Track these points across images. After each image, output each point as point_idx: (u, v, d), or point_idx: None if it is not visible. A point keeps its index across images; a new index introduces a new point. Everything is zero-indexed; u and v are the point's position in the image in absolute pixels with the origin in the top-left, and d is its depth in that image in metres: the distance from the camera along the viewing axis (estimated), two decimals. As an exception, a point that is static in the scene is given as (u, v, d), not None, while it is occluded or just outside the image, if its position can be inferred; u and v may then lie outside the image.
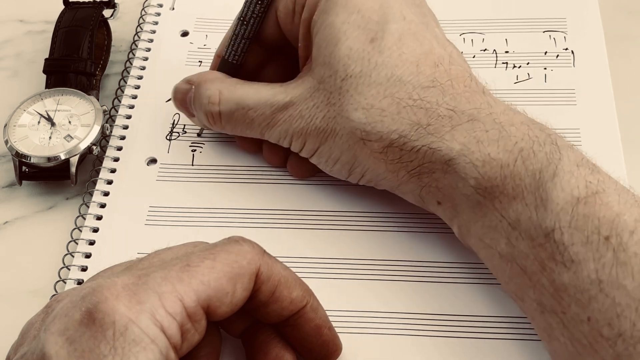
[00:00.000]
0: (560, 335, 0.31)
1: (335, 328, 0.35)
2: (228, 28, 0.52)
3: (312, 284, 0.34)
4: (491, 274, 0.38)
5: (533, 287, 0.32)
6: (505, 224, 0.32)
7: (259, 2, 0.40)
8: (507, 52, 0.48)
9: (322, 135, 0.37)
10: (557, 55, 0.47)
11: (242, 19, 0.41)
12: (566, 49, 0.47)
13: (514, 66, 0.47)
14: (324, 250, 0.40)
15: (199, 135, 0.45)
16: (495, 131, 0.33)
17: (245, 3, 0.41)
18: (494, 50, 0.48)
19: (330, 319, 0.35)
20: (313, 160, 0.40)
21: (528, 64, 0.47)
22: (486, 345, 0.36)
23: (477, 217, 0.34)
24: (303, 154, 0.40)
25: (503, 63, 0.47)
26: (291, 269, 0.33)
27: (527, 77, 0.46)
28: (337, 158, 0.38)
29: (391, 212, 0.41)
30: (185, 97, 0.42)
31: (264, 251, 0.32)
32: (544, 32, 0.48)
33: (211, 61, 0.44)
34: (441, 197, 0.35)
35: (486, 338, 0.36)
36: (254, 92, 0.39)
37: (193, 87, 0.42)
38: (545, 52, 0.47)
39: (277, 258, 0.33)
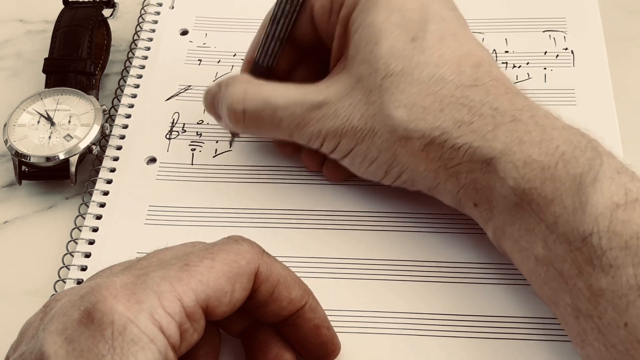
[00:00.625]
0: (594, 341, 0.30)
1: (341, 327, 0.35)
2: (228, 26, 0.52)
3: (312, 283, 0.34)
4: (498, 273, 0.38)
5: (569, 291, 0.31)
6: (543, 227, 0.32)
7: (290, 0, 0.39)
8: (506, 51, 0.48)
9: (359, 135, 0.37)
10: (557, 55, 0.47)
11: (274, 19, 0.40)
12: (566, 48, 0.47)
13: (514, 66, 0.47)
14: (325, 250, 0.40)
15: (230, 145, 0.45)
16: (538, 133, 0.33)
17: (276, 2, 0.40)
18: (494, 50, 0.48)
19: (337, 318, 0.35)
20: (345, 162, 0.39)
21: (528, 63, 0.47)
22: (495, 345, 0.36)
23: (514, 219, 0.33)
24: (335, 155, 0.39)
25: (503, 63, 0.47)
26: (291, 268, 0.33)
27: (527, 77, 0.46)
28: (374, 158, 0.37)
29: (398, 212, 0.41)
30: (214, 99, 0.41)
31: (263, 251, 0.32)
32: (543, 31, 0.48)
33: (211, 59, 0.44)
34: (478, 199, 0.35)
35: (493, 338, 0.36)
36: (283, 91, 0.38)
37: (222, 88, 0.40)
38: (545, 52, 0.47)
39: (278, 258, 0.33)
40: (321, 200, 0.42)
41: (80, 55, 0.47)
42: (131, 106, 0.47)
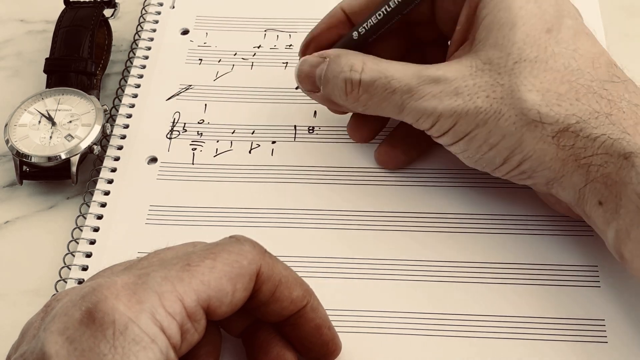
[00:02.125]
0: None
1: (342, 327, 0.35)
2: (229, 25, 0.52)
3: (313, 282, 0.34)
4: (501, 273, 0.38)
5: None
6: None
7: None
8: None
9: (482, 117, 0.35)
10: (558, 55, 0.47)
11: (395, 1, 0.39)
12: (567, 48, 0.47)
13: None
14: (326, 250, 0.40)
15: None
16: None
17: None
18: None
19: (337, 318, 0.35)
20: (458, 147, 0.37)
21: (528, 63, 0.47)
22: (499, 344, 0.36)
23: None
24: (444, 140, 0.37)
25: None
26: (292, 268, 0.33)
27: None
28: (495, 143, 0.35)
29: (399, 212, 0.41)
30: (314, 70, 0.40)
31: (265, 250, 0.32)
32: (544, 31, 0.48)
33: (212, 58, 0.44)
34: (606, 196, 0.33)
35: (499, 338, 0.36)
36: (401, 65, 0.38)
37: (327, 59, 0.39)
38: (546, 52, 0.47)
39: (279, 257, 0.33)
40: (323, 200, 0.42)
41: (81, 55, 0.47)
42: (132, 106, 0.47)
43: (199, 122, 0.46)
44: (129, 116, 0.47)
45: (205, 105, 0.47)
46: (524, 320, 0.37)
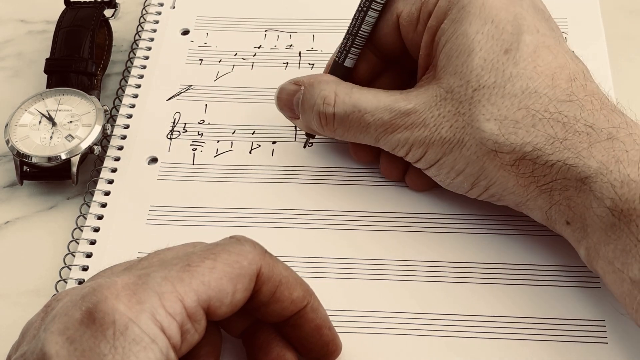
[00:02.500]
0: None
1: (342, 327, 0.35)
2: (229, 25, 0.52)
3: (314, 282, 0.34)
4: (502, 273, 0.38)
5: None
6: None
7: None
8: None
9: (447, 146, 0.36)
10: (558, 55, 0.47)
11: (354, 17, 0.40)
12: (567, 48, 0.47)
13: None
14: (326, 250, 0.40)
15: (305, 147, 0.44)
16: (636, 152, 0.32)
17: (359, 3, 0.40)
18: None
19: (338, 318, 0.35)
20: (431, 172, 0.38)
21: (529, 63, 0.47)
22: (496, 344, 0.36)
23: (610, 239, 0.32)
24: (420, 165, 0.39)
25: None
26: (293, 268, 0.33)
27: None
28: (461, 170, 0.37)
29: (398, 212, 0.41)
30: (292, 98, 0.41)
31: (265, 251, 0.32)
32: (544, 31, 0.48)
33: (212, 59, 0.44)
34: (571, 217, 0.34)
35: (493, 338, 0.36)
36: (372, 96, 0.38)
37: (302, 88, 0.40)
38: (546, 52, 0.47)
39: (280, 258, 0.33)
40: (323, 201, 0.42)
41: (81, 56, 0.47)
42: (132, 106, 0.47)
43: (199, 123, 0.46)
44: (130, 116, 0.47)
45: (206, 105, 0.47)
46: (524, 321, 0.37)
